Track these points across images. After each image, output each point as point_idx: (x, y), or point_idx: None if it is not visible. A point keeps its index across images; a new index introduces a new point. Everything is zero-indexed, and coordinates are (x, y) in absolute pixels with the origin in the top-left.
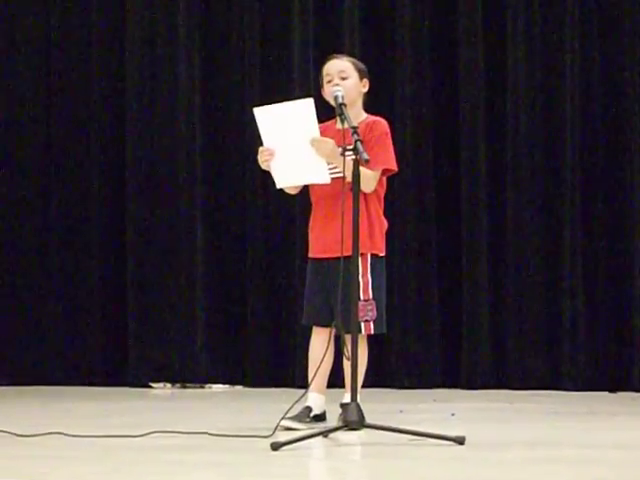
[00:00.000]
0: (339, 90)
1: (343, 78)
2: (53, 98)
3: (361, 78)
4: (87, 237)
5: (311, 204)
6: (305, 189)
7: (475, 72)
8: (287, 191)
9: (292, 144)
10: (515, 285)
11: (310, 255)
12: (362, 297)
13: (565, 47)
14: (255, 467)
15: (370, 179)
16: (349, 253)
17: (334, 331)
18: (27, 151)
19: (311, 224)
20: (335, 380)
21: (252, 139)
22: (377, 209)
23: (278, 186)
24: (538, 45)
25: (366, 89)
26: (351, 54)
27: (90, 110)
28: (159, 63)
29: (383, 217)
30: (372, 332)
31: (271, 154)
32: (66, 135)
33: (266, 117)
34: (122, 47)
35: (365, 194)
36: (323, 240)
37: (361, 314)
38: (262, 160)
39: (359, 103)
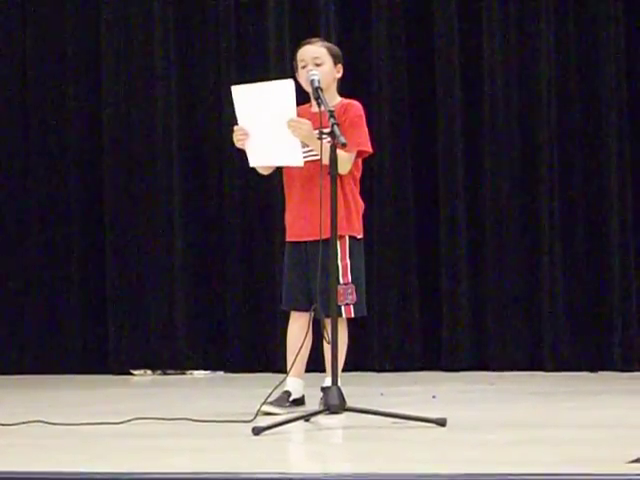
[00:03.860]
0: (315, 74)
1: (317, 64)
2: (28, 89)
3: (335, 63)
4: (65, 225)
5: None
6: (278, 171)
7: (451, 50)
8: (259, 171)
9: (268, 124)
10: (494, 267)
11: (287, 239)
12: (342, 281)
13: (541, 25)
14: (237, 452)
15: (345, 161)
16: (327, 236)
17: (313, 315)
18: (2, 137)
19: (287, 207)
20: (315, 364)
21: (229, 121)
22: (353, 191)
23: (251, 164)
24: (514, 24)
25: (340, 74)
26: (327, 35)
27: (66, 94)
28: (134, 45)
29: (359, 199)
30: (352, 315)
31: (245, 134)
32: (43, 126)
33: (243, 95)
34: (97, 29)
35: (341, 176)
36: (300, 223)
37: (341, 298)
38: (236, 140)
39: (333, 88)
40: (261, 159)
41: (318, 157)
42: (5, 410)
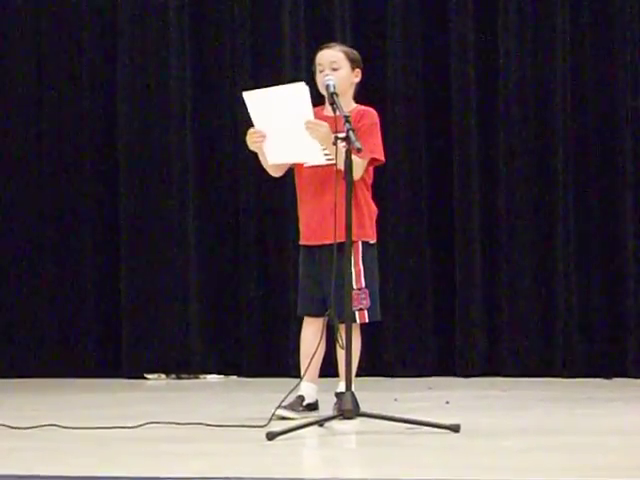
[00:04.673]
0: (331, 79)
1: (334, 69)
2: (44, 100)
3: (353, 68)
4: (79, 228)
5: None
6: (291, 176)
7: (466, 54)
8: (270, 173)
9: (285, 127)
10: (509, 273)
11: (301, 242)
12: (355, 286)
13: (557, 33)
14: (250, 457)
15: (358, 167)
16: (341, 240)
17: (327, 320)
18: (18, 143)
19: (300, 211)
20: (329, 369)
21: (243, 124)
22: (365, 196)
23: (270, 162)
24: (529, 25)
25: (358, 79)
26: (342, 40)
27: (80, 98)
28: (150, 50)
29: (372, 203)
30: (366, 320)
31: (262, 136)
32: (57, 131)
33: (256, 101)
34: (113, 33)
35: (353, 181)
36: (313, 227)
37: (355, 303)
38: (252, 141)
39: (350, 93)
40: (281, 157)
41: (331, 162)
42: (19, 413)
